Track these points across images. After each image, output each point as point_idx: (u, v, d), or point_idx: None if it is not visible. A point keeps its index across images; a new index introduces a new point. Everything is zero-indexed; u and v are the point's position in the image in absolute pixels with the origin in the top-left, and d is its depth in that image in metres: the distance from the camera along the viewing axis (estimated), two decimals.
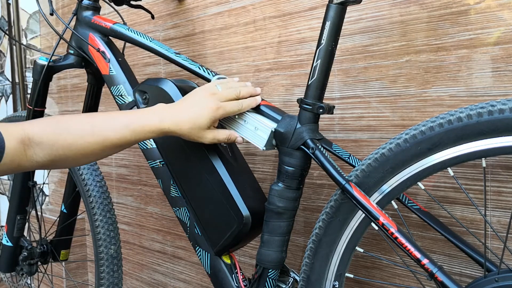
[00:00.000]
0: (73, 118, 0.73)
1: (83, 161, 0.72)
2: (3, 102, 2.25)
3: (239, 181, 0.81)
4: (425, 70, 0.82)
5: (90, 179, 1.13)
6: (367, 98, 0.90)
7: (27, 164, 0.67)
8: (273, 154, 1.08)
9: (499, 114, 0.58)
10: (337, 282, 0.72)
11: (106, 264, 1.11)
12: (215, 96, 0.75)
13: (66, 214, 1.23)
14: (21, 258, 1.22)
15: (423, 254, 0.62)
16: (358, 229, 0.70)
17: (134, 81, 0.95)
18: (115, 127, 0.72)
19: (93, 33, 0.97)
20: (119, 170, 1.55)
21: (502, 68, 0.75)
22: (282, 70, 1.03)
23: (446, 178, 0.82)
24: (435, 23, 0.81)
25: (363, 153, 0.92)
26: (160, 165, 0.90)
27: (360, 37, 0.90)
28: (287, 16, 1.01)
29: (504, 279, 0.62)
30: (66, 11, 1.67)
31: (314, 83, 0.73)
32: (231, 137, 0.77)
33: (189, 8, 1.21)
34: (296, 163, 0.74)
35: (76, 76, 1.67)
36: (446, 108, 0.81)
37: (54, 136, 0.68)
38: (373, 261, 0.94)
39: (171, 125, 0.73)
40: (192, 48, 1.22)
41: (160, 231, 1.43)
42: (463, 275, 0.82)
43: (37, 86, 1.03)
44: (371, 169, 0.67)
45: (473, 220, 0.80)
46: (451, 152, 0.62)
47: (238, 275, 0.84)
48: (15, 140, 0.64)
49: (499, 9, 0.74)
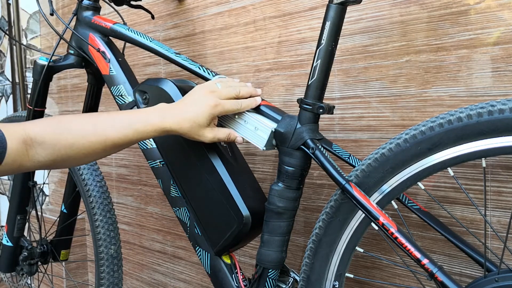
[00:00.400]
0: (74, 118, 0.73)
1: (84, 161, 0.73)
2: (3, 102, 2.25)
3: (239, 181, 0.81)
4: (425, 70, 0.82)
5: (90, 179, 1.13)
6: (367, 98, 0.90)
7: (29, 164, 0.67)
8: (273, 154, 1.08)
9: (499, 114, 0.58)
10: (337, 282, 0.72)
11: (106, 264, 1.11)
12: (214, 94, 0.75)
13: (66, 214, 1.23)
14: (21, 258, 1.22)
15: (423, 254, 0.62)
16: (358, 229, 0.70)
17: (134, 81, 0.95)
18: (117, 126, 0.72)
19: (93, 33, 0.98)
20: (119, 170, 1.55)
21: (502, 68, 0.75)
22: (282, 70, 1.03)
23: (446, 178, 0.82)
24: (435, 23, 0.81)
25: (363, 153, 0.92)
26: (160, 165, 0.90)
27: (360, 37, 0.90)
28: (287, 16, 1.01)
29: (504, 279, 0.62)
30: (66, 11, 1.67)
31: (314, 83, 0.73)
32: (231, 136, 0.78)
33: (189, 8, 1.21)
34: (296, 163, 0.74)
35: (76, 76, 1.67)
36: (446, 108, 0.81)
37: (56, 136, 0.68)
38: (373, 261, 0.94)
39: (172, 124, 0.73)
40: (192, 48, 1.22)
41: (160, 231, 1.43)
42: (463, 275, 0.82)
43: (37, 86, 1.03)
44: (371, 169, 0.68)
45: (473, 220, 0.80)
46: (451, 152, 0.62)
47: (238, 275, 0.84)
48: (16, 140, 0.64)
49: (499, 9, 0.74)
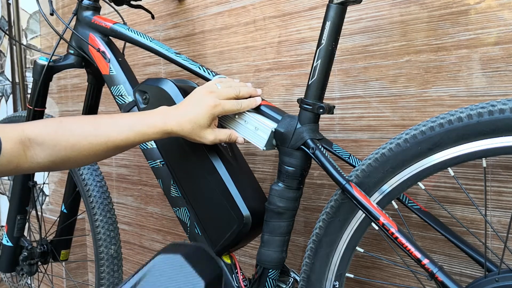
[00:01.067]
0: (75, 119, 0.73)
1: (84, 162, 0.72)
2: (3, 102, 2.25)
3: (239, 181, 0.81)
4: (425, 70, 0.82)
5: (90, 179, 1.13)
6: (367, 98, 0.90)
7: (27, 165, 0.67)
8: (273, 154, 1.08)
9: (500, 114, 0.58)
10: (338, 282, 0.72)
11: (106, 264, 1.11)
12: (214, 94, 0.75)
13: (66, 214, 1.23)
14: (21, 258, 1.22)
15: (424, 254, 0.62)
16: (359, 229, 0.70)
17: (134, 81, 0.95)
18: (119, 128, 0.72)
19: (93, 33, 0.97)
20: (119, 170, 1.55)
21: (502, 68, 0.75)
22: (282, 70, 1.03)
23: (446, 178, 0.82)
24: (435, 23, 0.81)
25: (363, 153, 0.92)
26: (160, 165, 0.90)
27: (360, 37, 0.90)
28: (287, 16, 1.01)
29: (504, 279, 0.62)
30: (66, 11, 1.67)
31: (314, 83, 0.73)
32: (231, 137, 0.78)
33: (189, 8, 1.21)
34: (296, 163, 0.74)
35: (76, 76, 1.67)
36: (446, 108, 0.81)
37: (56, 137, 0.68)
38: (373, 261, 0.94)
39: (174, 126, 0.73)
40: (192, 48, 1.22)
41: (161, 231, 1.43)
42: (463, 275, 0.82)
43: (37, 86, 1.03)
44: (372, 169, 0.67)
45: (474, 220, 0.80)
46: (451, 152, 0.62)
47: (238, 275, 0.84)
48: (13, 141, 0.64)
49: (499, 9, 0.74)
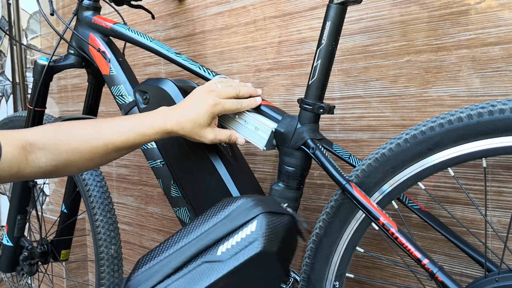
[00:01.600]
0: (76, 123, 0.73)
1: (87, 166, 0.72)
2: (4, 102, 2.25)
3: (239, 181, 0.81)
4: (425, 70, 0.82)
5: (91, 179, 1.13)
6: (368, 98, 0.90)
7: (28, 171, 0.67)
8: (273, 154, 1.08)
9: (500, 114, 0.58)
10: (338, 282, 0.72)
11: (106, 264, 1.11)
12: (214, 93, 0.75)
13: (66, 214, 1.23)
14: (22, 258, 1.22)
15: (424, 254, 0.62)
16: (359, 229, 0.70)
17: (134, 81, 0.95)
18: (119, 130, 0.72)
19: (93, 33, 0.97)
20: (120, 170, 1.55)
21: (502, 68, 0.75)
22: (283, 70, 1.03)
23: (446, 178, 0.82)
24: (435, 23, 0.81)
25: (363, 153, 0.92)
26: (161, 165, 0.90)
27: (361, 37, 0.90)
28: (288, 16, 1.01)
29: (504, 279, 0.62)
30: (66, 11, 1.67)
31: (314, 83, 0.73)
32: (232, 138, 0.78)
33: (189, 8, 1.21)
34: (296, 163, 0.74)
35: (76, 76, 1.67)
36: (446, 108, 0.81)
37: (57, 141, 0.68)
38: (373, 261, 0.94)
39: (174, 125, 0.73)
40: (192, 48, 1.22)
41: (161, 231, 1.43)
42: (463, 275, 0.82)
43: (37, 86, 1.03)
44: (372, 169, 0.67)
45: (474, 220, 0.80)
46: (451, 152, 0.62)
47: None
48: (14, 147, 0.64)
49: (499, 9, 0.74)
